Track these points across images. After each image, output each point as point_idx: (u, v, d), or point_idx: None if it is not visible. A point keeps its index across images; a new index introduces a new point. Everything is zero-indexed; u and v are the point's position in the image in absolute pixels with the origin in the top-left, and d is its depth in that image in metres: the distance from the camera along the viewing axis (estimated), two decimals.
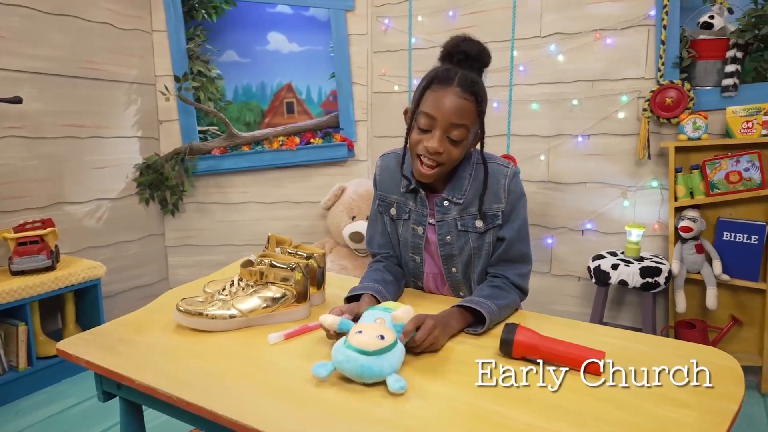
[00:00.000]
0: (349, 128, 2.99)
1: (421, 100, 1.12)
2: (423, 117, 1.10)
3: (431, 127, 1.10)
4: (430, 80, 1.11)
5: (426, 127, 1.10)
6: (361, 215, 2.70)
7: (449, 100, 1.08)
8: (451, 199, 1.20)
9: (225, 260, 3.01)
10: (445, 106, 1.08)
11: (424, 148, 1.11)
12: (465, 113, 1.09)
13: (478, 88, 1.11)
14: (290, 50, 3.18)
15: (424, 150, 1.11)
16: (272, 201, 3.01)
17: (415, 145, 1.13)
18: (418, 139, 1.12)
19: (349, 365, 0.85)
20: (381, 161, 1.32)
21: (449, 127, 1.09)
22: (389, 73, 2.93)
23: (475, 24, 2.64)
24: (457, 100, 1.08)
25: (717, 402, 0.82)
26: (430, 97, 1.10)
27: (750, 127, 2.04)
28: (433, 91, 1.10)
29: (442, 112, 1.08)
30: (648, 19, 2.25)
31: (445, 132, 1.09)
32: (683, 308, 2.17)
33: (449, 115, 1.08)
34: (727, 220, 2.13)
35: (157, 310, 1.19)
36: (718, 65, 2.17)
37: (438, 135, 1.09)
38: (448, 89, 1.08)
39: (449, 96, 1.08)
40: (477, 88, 1.10)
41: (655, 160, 2.30)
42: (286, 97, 3.23)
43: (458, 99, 1.08)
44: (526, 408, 0.80)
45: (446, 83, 1.09)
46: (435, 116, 1.09)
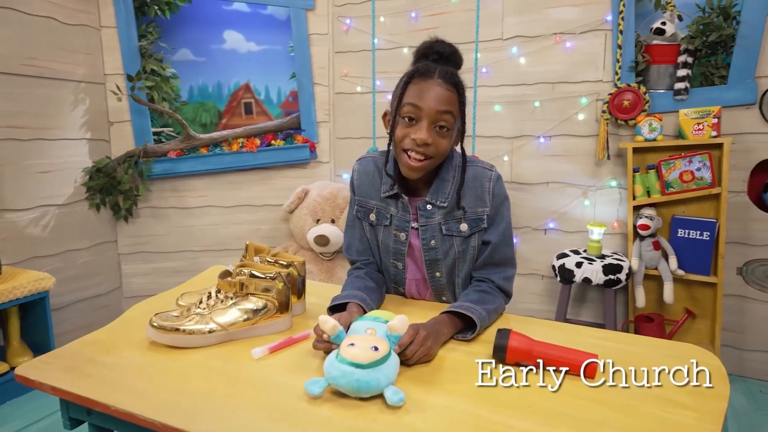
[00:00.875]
0: (310, 129, 2.94)
1: (404, 94, 1.11)
2: (408, 107, 1.09)
3: (417, 118, 1.09)
4: (410, 75, 1.11)
5: (411, 115, 1.09)
6: (326, 218, 2.66)
7: (433, 90, 1.08)
8: (435, 203, 1.18)
9: (183, 267, 2.91)
10: (430, 95, 1.08)
11: (412, 141, 1.09)
12: (450, 101, 1.09)
13: (458, 80, 1.12)
14: (248, 49, 3.09)
15: (411, 143, 1.10)
16: (232, 205, 2.91)
17: (402, 140, 1.11)
18: (405, 133, 1.11)
19: (344, 380, 0.82)
20: (359, 165, 1.29)
21: (436, 116, 1.08)
22: (351, 74, 2.90)
23: (438, 25, 2.65)
24: (440, 90, 1.08)
25: (710, 401, 0.84)
26: (413, 89, 1.10)
27: (701, 129, 2.14)
28: (416, 83, 1.10)
29: (427, 102, 1.07)
30: (605, 23, 2.33)
31: (432, 122, 1.09)
32: (643, 303, 2.25)
33: (435, 104, 1.07)
34: (681, 218, 2.23)
35: (125, 326, 1.12)
36: (670, 69, 2.26)
37: (425, 125, 1.08)
38: (430, 81, 1.09)
39: (433, 86, 1.08)
40: (458, 80, 1.12)
41: (613, 161, 2.38)
42: (244, 97, 3.13)
43: (442, 89, 1.08)
44: (528, 415, 0.79)
45: (428, 76, 1.09)
46: (421, 106, 1.08)
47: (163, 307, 1.18)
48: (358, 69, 2.87)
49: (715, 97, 2.18)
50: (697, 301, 2.28)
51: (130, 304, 2.88)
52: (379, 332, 0.91)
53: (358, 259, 1.28)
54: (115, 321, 1.14)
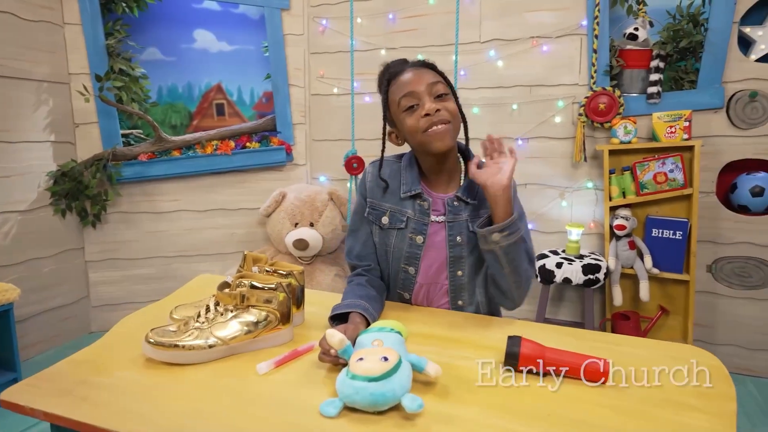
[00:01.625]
0: (286, 131, 2.89)
1: (389, 96, 1.18)
2: (404, 99, 1.15)
3: (416, 100, 1.13)
4: (388, 78, 1.19)
5: (411, 102, 1.14)
6: (304, 221, 2.62)
7: (410, 73, 1.16)
8: (465, 199, 1.19)
9: (155, 274, 2.81)
10: (412, 77, 1.15)
11: (425, 118, 1.12)
12: (432, 75, 1.16)
13: (427, 61, 1.20)
14: (219, 49, 3.01)
15: (425, 120, 1.12)
16: (206, 209, 2.83)
17: (416, 125, 1.14)
18: (415, 119, 1.14)
19: (359, 397, 0.80)
20: (372, 168, 1.28)
21: (428, 87, 1.13)
22: (328, 75, 2.86)
23: (416, 27, 2.65)
24: (416, 70, 1.16)
25: (719, 403, 0.85)
26: (396, 86, 1.17)
27: (673, 132, 2.21)
28: (395, 81, 1.17)
29: (415, 82, 1.14)
30: (580, 28, 2.37)
31: (430, 95, 1.13)
32: (620, 301, 2.31)
33: (423, 78, 1.14)
34: (655, 218, 2.30)
35: (115, 343, 1.06)
36: (643, 74, 2.33)
37: (427, 99, 1.13)
38: (404, 72, 1.17)
39: (408, 73, 1.16)
40: (427, 61, 1.20)
41: (589, 162, 2.43)
42: (216, 98, 3.05)
43: (419, 69, 1.17)
44: (548, 425, 0.79)
45: (400, 71, 1.18)
46: (413, 89, 1.14)
47: (150, 321, 1.13)
48: (335, 70, 2.83)
49: (686, 101, 2.26)
50: (671, 299, 2.36)
51: (98, 313, 2.78)
52: (386, 342, 0.90)
53: (360, 264, 1.26)
54: (103, 338, 1.08)
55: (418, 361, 0.87)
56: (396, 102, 1.15)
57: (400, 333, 0.95)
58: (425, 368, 0.86)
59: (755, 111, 2.19)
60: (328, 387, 0.89)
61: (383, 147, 1.27)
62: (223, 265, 2.86)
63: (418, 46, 2.65)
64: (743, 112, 2.20)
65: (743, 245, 2.28)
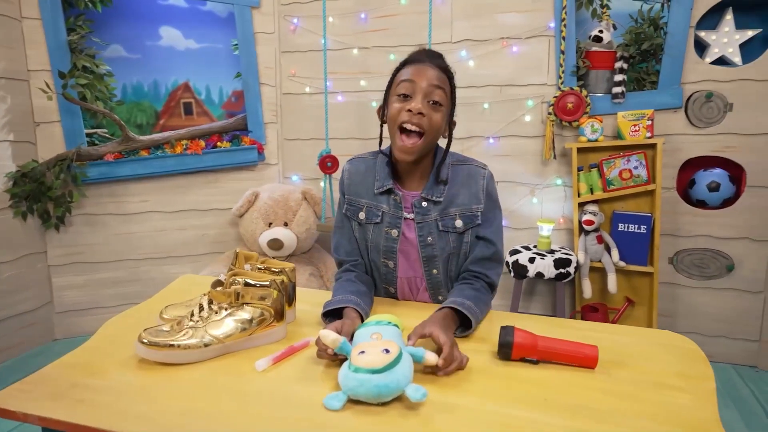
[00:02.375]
0: (258, 131, 2.86)
1: (396, 76, 1.18)
2: (403, 84, 1.14)
3: (412, 92, 1.13)
4: (403, 62, 1.19)
5: (406, 91, 1.14)
6: (278, 221, 2.60)
7: (426, 69, 1.15)
8: (431, 199, 1.20)
9: (123, 277, 2.72)
10: (423, 71, 1.14)
11: (407, 113, 1.13)
12: (442, 80, 1.15)
13: (448, 66, 1.19)
14: (187, 47, 2.95)
15: (407, 114, 1.13)
16: (176, 210, 2.77)
17: (397, 114, 1.14)
18: (400, 107, 1.14)
19: (363, 389, 0.81)
20: (350, 165, 1.29)
21: (429, 88, 1.13)
22: (299, 74, 2.85)
23: (387, 27, 2.67)
24: (432, 70, 1.15)
25: (699, 383, 0.91)
26: (407, 70, 1.16)
27: (637, 130, 2.31)
28: (408, 66, 1.17)
29: (421, 76, 1.13)
30: (548, 30, 2.45)
31: (425, 96, 1.13)
32: (590, 294, 2.39)
33: (429, 78, 1.13)
34: (621, 213, 2.39)
35: (103, 345, 1.04)
36: (608, 74, 2.42)
37: (419, 97, 1.13)
38: (422, 63, 1.16)
39: (425, 67, 1.15)
40: (447, 65, 1.19)
41: (558, 160, 2.51)
42: (183, 97, 2.99)
43: (433, 70, 1.15)
44: (546, 409, 0.82)
45: (419, 60, 1.17)
46: (415, 80, 1.13)
47: (136, 322, 1.11)
48: (307, 69, 2.82)
49: (647, 101, 2.37)
50: (636, 290, 2.46)
51: (62, 319, 2.68)
52: (385, 335, 0.91)
53: (348, 259, 1.27)
54: (90, 340, 1.05)
55: (415, 351, 0.89)
56: (396, 82, 1.16)
57: (397, 326, 0.96)
58: (424, 357, 0.88)
59: (711, 110, 2.31)
60: (328, 381, 0.90)
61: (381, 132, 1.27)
62: (195, 267, 2.80)
63: (390, 46, 2.67)
64: (700, 112, 2.32)
65: (701, 238, 2.40)
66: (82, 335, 2.69)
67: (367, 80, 2.75)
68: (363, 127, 2.80)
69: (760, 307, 2.38)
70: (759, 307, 2.38)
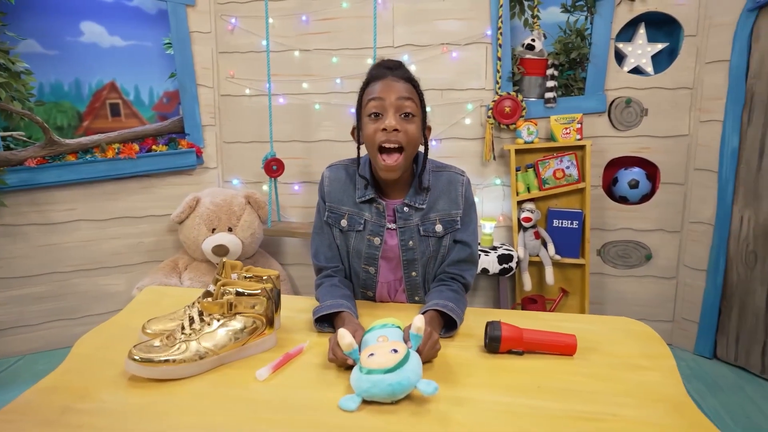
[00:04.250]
0: (196, 134, 2.75)
1: (364, 96, 1.18)
2: (372, 103, 1.15)
3: (382, 110, 1.15)
4: (366, 80, 1.20)
5: (376, 110, 1.15)
6: (222, 227, 2.52)
7: (391, 83, 1.16)
8: (413, 205, 1.23)
9: (50, 292, 2.53)
10: (389, 86, 1.15)
11: (382, 132, 1.14)
12: (408, 90, 1.17)
13: (411, 75, 1.21)
14: (112, 44, 2.78)
15: (382, 134, 1.14)
16: (107, 218, 2.60)
17: (373, 135, 1.16)
18: (374, 128, 1.16)
19: (377, 389, 0.83)
20: (329, 172, 1.30)
21: (398, 102, 1.14)
22: (239, 76, 2.78)
23: (329, 30, 2.68)
24: (397, 82, 1.16)
25: (661, 361, 1.02)
26: (372, 89, 1.17)
27: (568, 133, 2.49)
28: (374, 84, 1.17)
29: (388, 91, 1.15)
30: (485, 37, 2.57)
31: (396, 110, 1.15)
32: (530, 287, 2.55)
33: (396, 92, 1.15)
34: (556, 210, 2.57)
35: (81, 367, 0.98)
36: (540, 80, 2.59)
37: (391, 113, 1.14)
38: (385, 79, 1.17)
39: (389, 81, 1.17)
40: (411, 75, 1.21)
41: (497, 161, 2.65)
42: (110, 97, 2.82)
43: (398, 82, 1.17)
44: (542, 395, 0.89)
45: (382, 75, 1.18)
46: (383, 96, 1.14)
47: (109, 339, 1.06)
48: (246, 71, 2.76)
49: (576, 105, 2.56)
50: (570, 281, 2.66)
51: None
52: (391, 337, 0.94)
53: (328, 265, 1.28)
54: (65, 362, 0.99)
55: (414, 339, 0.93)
56: (365, 103, 1.17)
57: (399, 327, 0.99)
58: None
59: (630, 115, 2.54)
60: (335, 385, 0.91)
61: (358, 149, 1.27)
62: (130, 278, 2.65)
63: (332, 49, 2.68)
64: (621, 116, 2.55)
65: (624, 231, 2.64)
66: (3, 357, 2.46)
67: (309, 83, 2.74)
68: (306, 130, 2.79)
69: (673, 291, 2.65)
70: (672, 291, 2.65)
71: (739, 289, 2.39)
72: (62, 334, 2.58)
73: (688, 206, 2.55)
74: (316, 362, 0.98)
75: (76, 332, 2.61)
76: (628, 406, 0.87)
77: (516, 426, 0.80)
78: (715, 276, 2.46)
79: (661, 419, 0.82)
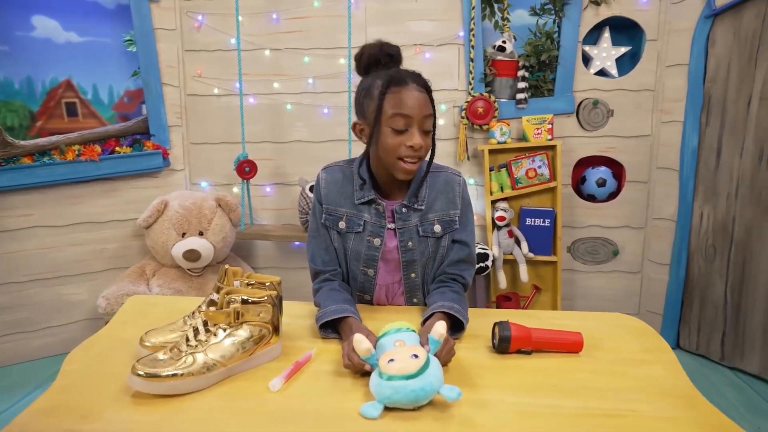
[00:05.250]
0: (161, 134, 2.64)
1: (383, 104, 1.13)
2: (399, 119, 1.12)
3: (408, 126, 1.13)
4: (386, 84, 1.13)
5: (404, 127, 1.13)
6: (192, 231, 2.43)
7: (414, 96, 1.13)
8: (412, 206, 1.23)
9: (6, 303, 2.37)
10: (414, 102, 1.12)
11: (408, 148, 1.13)
12: (429, 105, 1.15)
13: (426, 81, 1.18)
14: (67, 40, 2.63)
15: (407, 150, 1.13)
16: (68, 223, 2.46)
17: (396, 148, 1.14)
18: (398, 141, 1.14)
19: (399, 396, 0.82)
20: (325, 174, 1.27)
21: (422, 120, 1.14)
22: (206, 75, 2.69)
23: (301, 29, 2.63)
24: (418, 94, 1.13)
25: (662, 355, 1.06)
26: (395, 99, 1.12)
27: (539, 133, 2.55)
28: (394, 92, 1.13)
29: (415, 110, 1.12)
30: (458, 38, 2.60)
31: (420, 128, 1.14)
32: (505, 284, 2.59)
33: (421, 109, 1.13)
34: (528, 208, 2.63)
35: (76, 384, 0.91)
36: (511, 82, 2.64)
37: (416, 132, 1.13)
38: (407, 87, 1.13)
39: (412, 92, 1.13)
40: (426, 81, 1.18)
41: (471, 161, 2.68)
42: (65, 96, 2.67)
43: (420, 94, 1.14)
44: (558, 393, 0.91)
45: (403, 83, 1.13)
46: (411, 115, 1.12)
47: (102, 353, 1.00)
48: (214, 69, 2.68)
49: (546, 106, 2.62)
50: (542, 278, 2.72)
51: None
52: (407, 341, 0.93)
53: (326, 269, 1.25)
54: (58, 380, 0.92)
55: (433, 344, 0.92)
56: (388, 113, 1.13)
57: (414, 331, 0.98)
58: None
59: (597, 115, 2.63)
60: (351, 392, 0.89)
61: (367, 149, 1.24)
62: (93, 286, 2.52)
63: (304, 48, 2.64)
64: (589, 117, 2.63)
65: (593, 228, 2.72)
66: None
67: (280, 82, 2.68)
68: (277, 131, 2.73)
69: (638, 285, 2.76)
70: (637, 285, 2.76)
71: (699, 281, 2.52)
72: (19, 348, 2.42)
73: (652, 203, 2.66)
74: (327, 369, 0.96)
75: (35, 345, 2.46)
76: (640, 401, 0.89)
77: (541, 427, 0.81)
78: (678, 269, 2.57)
79: (675, 413, 0.85)
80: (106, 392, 0.87)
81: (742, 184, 2.30)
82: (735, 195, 2.33)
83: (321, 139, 2.71)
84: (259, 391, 0.89)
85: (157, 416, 0.82)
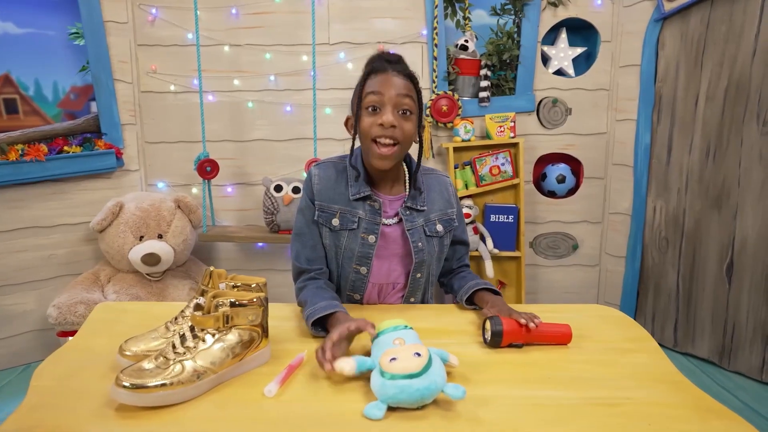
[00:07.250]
0: (114, 133, 2.51)
1: (364, 88, 1.15)
2: (371, 96, 1.14)
3: (381, 105, 1.13)
4: (367, 72, 1.16)
5: (375, 103, 1.13)
6: (151, 234, 2.32)
7: (392, 79, 1.15)
8: (415, 207, 1.23)
9: None
10: (390, 82, 1.14)
11: (379, 127, 1.13)
12: (408, 88, 1.16)
13: (411, 72, 1.20)
14: (4, 31, 2.47)
15: (378, 129, 1.13)
16: (11, 228, 2.29)
17: (369, 129, 1.14)
18: (371, 121, 1.14)
19: (404, 395, 0.80)
20: (318, 170, 1.24)
21: (397, 99, 1.13)
22: (161, 71, 2.57)
23: (262, 25, 2.56)
24: (398, 79, 1.16)
25: (643, 343, 1.09)
26: (373, 82, 1.15)
27: (502, 131, 2.59)
28: (373, 77, 1.15)
29: (388, 87, 1.13)
30: (422, 37, 2.60)
31: (395, 106, 1.14)
32: None
33: (396, 88, 1.14)
34: (492, 205, 2.67)
35: (51, 400, 0.84)
36: (473, 80, 2.67)
37: (390, 109, 1.13)
38: (387, 73, 1.15)
39: (390, 77, 1.16)
40: (411, 72, 1.20)
41: (436, 159, 2.69)
42: (4, 92, 2.50)
43: (399, 78, 1.16)
44: (554, 385, 0.91)
45: (384, 69, 1.16)
46: (383, 92, 1.13)
47: (73, 366, 0.94)
48: (170, 65, 2.57)
49: (508, 104, 2.67)
50: (506, 273, 2.77)
51: None
52: (408, 339, 0.91)
53: (311, 268, 1.22)
54: (29, 396, 0.84)
55: (440, 353, 0.90)
56: (364, 95, 1.14)
57: (411, 329, 0.96)
58: (448, 359, 0.90)
59: (556, 114, 2.70)
60: (351, 393, 0.87)
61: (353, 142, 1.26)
62: (40, 295, 2.36)
63: (265, 45, 2.57)
64: (549, 115, 2.70)
65: (553, 223, 2.80)
66: None
67: (240, 80, 2.60)
68: (237, 129, 2.65)
69: (597, 278, 2.86)
70: (596, 277, 2.86)
71: (654, 272, 2.63)
72: None
73: (608, 198, 2.77)
74: (321, 371, 0.93)
75: None
76: (632, 388, 0.91)
77: (550, 419, 0.81)
78: (633, 261, 2.69)
79: (669, 398, 0.87)
80: (85, 408, 0.80)
81: (691, 178, 2.42)
82: (685, 189, 2.45)
83: (284, 137, 2.65)
84: (255, 397, 0.85)
85: (145, 428, 0.76)
